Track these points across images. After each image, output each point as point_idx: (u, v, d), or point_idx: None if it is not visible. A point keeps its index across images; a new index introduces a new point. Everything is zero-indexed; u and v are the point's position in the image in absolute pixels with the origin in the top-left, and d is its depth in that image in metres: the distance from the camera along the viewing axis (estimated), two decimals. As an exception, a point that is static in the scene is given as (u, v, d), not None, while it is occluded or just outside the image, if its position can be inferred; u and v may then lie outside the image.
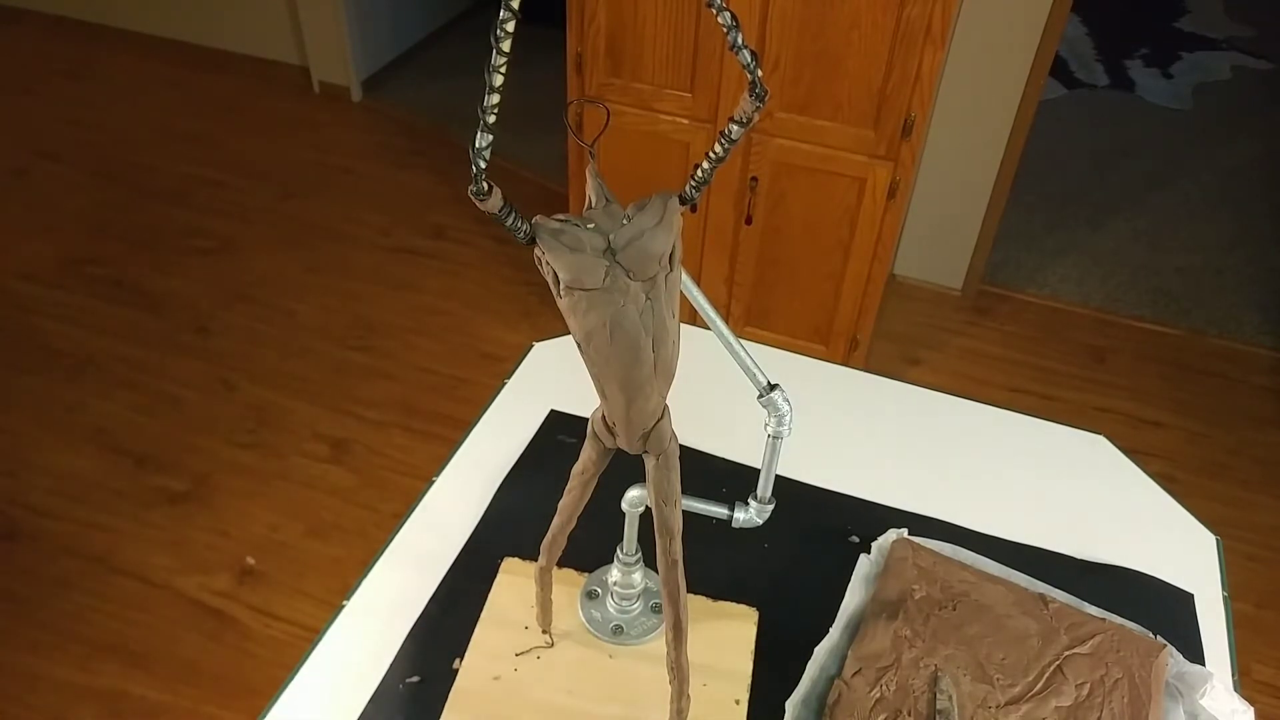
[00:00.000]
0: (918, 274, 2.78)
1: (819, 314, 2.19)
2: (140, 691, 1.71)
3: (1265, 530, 2.13)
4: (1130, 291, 2.85)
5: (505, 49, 0.37)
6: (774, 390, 0.67)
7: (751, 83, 0.42)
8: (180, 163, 3.22)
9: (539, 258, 0.45)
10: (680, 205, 0.47)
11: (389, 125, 3.51)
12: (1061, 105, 3.81)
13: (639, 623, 0.84)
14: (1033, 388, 2.49)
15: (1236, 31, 4.54)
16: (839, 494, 0.99)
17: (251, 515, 2.03)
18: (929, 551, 0.87)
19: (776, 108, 1.90)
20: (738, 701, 0.78)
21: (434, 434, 2.22)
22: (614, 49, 1.95)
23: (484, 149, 0.39)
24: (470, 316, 2.61)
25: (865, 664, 0.77)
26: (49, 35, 3.96)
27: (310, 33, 3.54)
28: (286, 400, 2.32)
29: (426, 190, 3.13)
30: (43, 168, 3.17)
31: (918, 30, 1.73)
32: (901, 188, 1.92)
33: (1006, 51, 2.28)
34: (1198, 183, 3.40)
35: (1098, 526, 0.97)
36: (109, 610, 1.83)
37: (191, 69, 3.78)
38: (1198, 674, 0.78)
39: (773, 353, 1.17)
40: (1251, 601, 1.97)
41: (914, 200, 2.58)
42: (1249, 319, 2.76)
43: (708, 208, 2.10)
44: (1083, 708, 0.74)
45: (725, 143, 0.45)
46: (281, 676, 0.80)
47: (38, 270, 2.64)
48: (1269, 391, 2.53)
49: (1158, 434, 2.37)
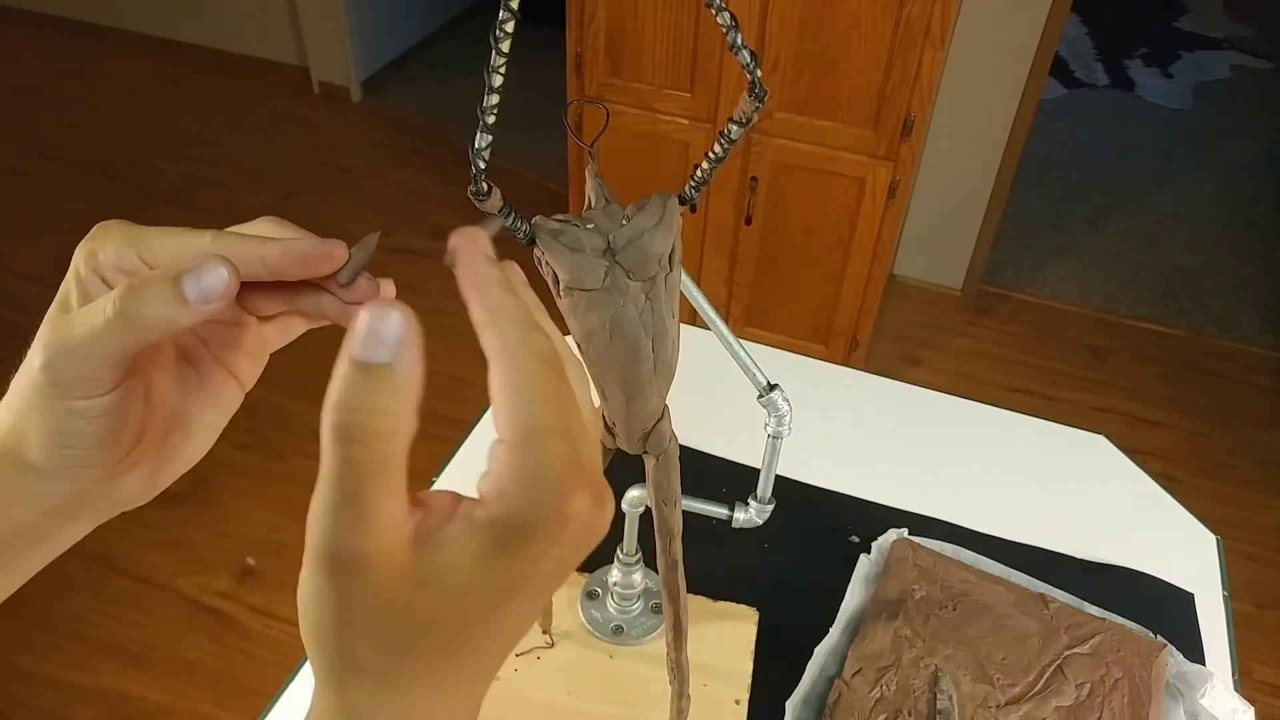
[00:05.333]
0: (917, 274, 2.78)
1: (819, 314, 2.19)
2: (140, 692, 1.71)
3: (1265, 530, 2.13)
4: (1130, 291, 2.85)
5: (505, 49, 0.37)
6: (774, 390, 0.67)
7: (751, 83, 0.42)
8: (180, 163, 3.22)
9: (538, 258, 0.45)
10: (680, 205, 0.47)
11: (389, 125, 3.51)
12: (1061, 105, 3.81)
13: (639, 623, 0.84)
14: (1032, 387, 2.49)
15: (1236, 31, 4.54)
16: (839, 494, 0.99)
17: (251, 515, 2.03)
18: (929, 551, 0.87)
19: (776, 108, 1.90)
20: (738, 701, 0.78)
21: (434, 434, 2.21)
22: (614, 49, 1.95)
23: (483, 149, 0.39)
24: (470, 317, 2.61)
25: (865, 664, 0.77)
26: (49, 35, 3.96)
27: (310, 33, 3.54)
28: (286, 400, 2.32)
29: (426, 190, 3.13)
30: (43, 168, 3.17)
31: (918, 30, 1.72)
32: (901, 188, 1.92)
33: (1006, 51, 2.28)
34: (1198, 183, 3.40)
35: (1098, 526, 0.97)
36: (109, 610, 1.83)
37: (191, 69, 3.78)
38: (1198, 674, 0.78)
39: (773, 353, 1.17)
40: (1252, 601, 1.97)
41: (914, 200, 2.58)
42: (1249, 319, 2.76)
43: (708, 208, 2.10)
44: (1083, 708, 0.74)
45: (725, 143, 0.45)
46: (281, 677, 0.80)
47: (38, 270, 2.64)
48: (1269, 391, 2.53)
49: (1158, 434, 2.37)
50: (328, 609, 0.25)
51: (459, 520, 0.26)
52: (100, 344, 0.30)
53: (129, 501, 0.36)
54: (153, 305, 0.30)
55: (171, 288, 0.30)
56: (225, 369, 0.38)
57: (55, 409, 0.31)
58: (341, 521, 0.25)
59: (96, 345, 0.30)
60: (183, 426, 0.37)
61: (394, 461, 0.26)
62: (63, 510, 0.34)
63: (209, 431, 0.38)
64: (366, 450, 0.25)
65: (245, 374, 0.38)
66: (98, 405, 0.31)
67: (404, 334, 0.26)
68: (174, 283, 0.30)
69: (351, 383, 0.25)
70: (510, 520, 0.26)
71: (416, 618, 0.26)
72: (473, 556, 0.26)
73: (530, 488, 0.26)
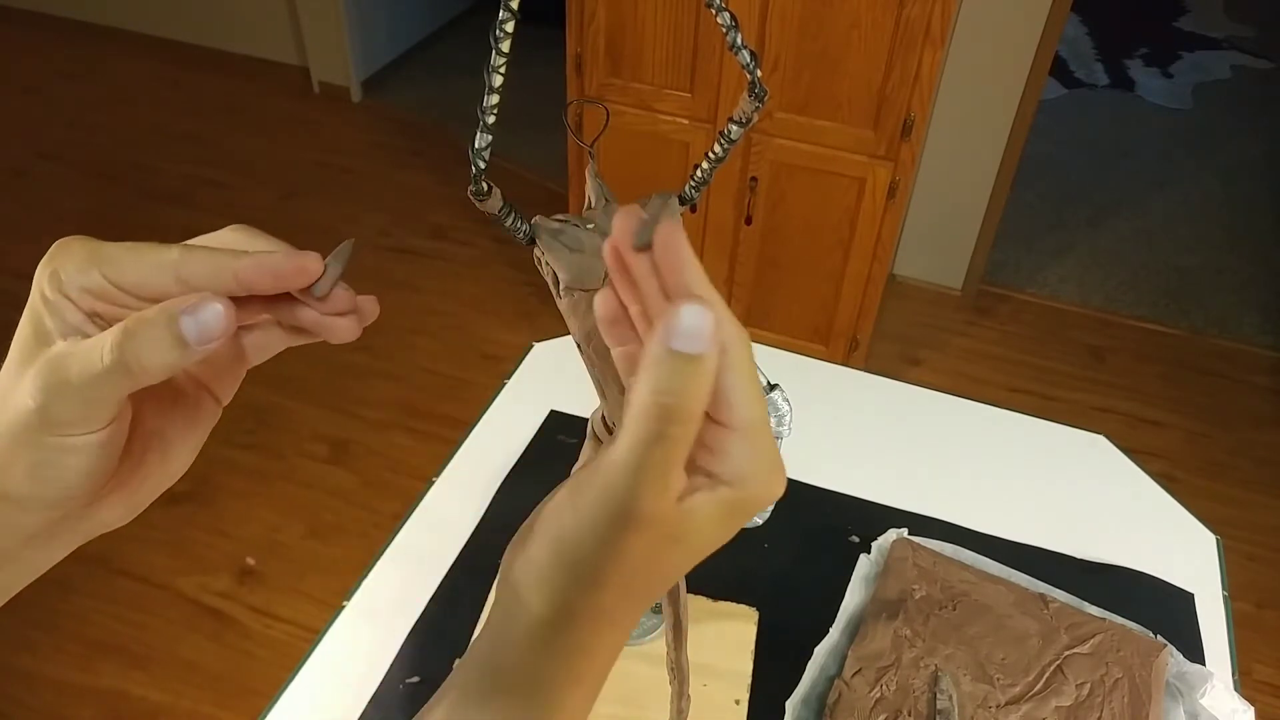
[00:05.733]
0: (918, 274, 2.78)
1: (819, 314, 2.19)
2: (140, 692, 1.71)
3: (1265, 530, 2.13)
4: (1130, 291, 2.85)
5: (504, 49, 0.37)
6: (774, 390, 0.67)
7: (751, 83, 0.42)
8: (180, 163, 3.22)
9: (538, 258, 0.45)
10: (680, 205, 0.47)
11: (389, 125, 3.51)
12: (1061, 105, 3.81)
13: (639, 623, 0.84)
14: (1032, 387, 2.49)
15: (1236, 31, 4.54)
16: (839, 494, 0.99)
17: (251, 515, 2.03)
18: (929, 551, 0.87)
19: (776, 108, 1.90)
20: (738, 701, 0.78)
21: (434, 434, 2.22)
22: (613, 49, 1.95)
23: (483, 149, 0.39)
24: (470, 317, 2.61)
25: (865, 664, 0.77)
26: (49, 35, 3.96)
27: (310, 33, 3.54)
28: (286, 400, 2.32)
29: (426, 190, 3.13)
30: (43, 168, 3.17)
31: (917, 30, 1.72)
32: (901, 188, 1.92)
33: (1006, 51, 2.28)
34: (1198, 183, 3.40)
35: (1098, 526, 0.97)
36: (109, 611, 1.83)
37: (191, 69, 3.78)
38: (1198, 674, 0.78)
39: (773, 353, 1.17)
40: (1252, 601, 1.97)
41: (914, 200, 2.58)
42: (1249, 319, 2.76)
43: (708, 208, 2.10)
44: (1083, 707, 0.74)
45: (725, 143, 0.45)
46: (281, 677, 0.80)
47: (38, 270, 2.63)
48: (1269, 391, 2.53)
49: (1158, 434, 2.37)
50: (603, 558, 0.30)
51: (704, 491, 0.31)
52: (99, 388, 0.30)
53: (109, 525, 0.35)
54: (152, 351, 0.29)
55: (170, 331, 0.29)
56: (203, 387, 0.37)
57: (46, 444, 0.30)
58: (649, 486, 0.29)
59: (95, 389, 0.30)
60: (160, 447, 0.36)
61: (693, 438, 0.30)
62: (40, 537, 0.33)
63: (187, 451, 0.37)
64: (681, 428, 0.29)
65: (222, 390, 0.38)
66: (92, 440, 0.31)
67: (711, 327, 0.29)
68: (171, 324, 0.29)
69: (673, 370, 0.29)
70: (745, 496, 0.31)
71: (660, 569, 0.32)
72: (710, 521, 0.31)
73: (760, 470, 0.31)
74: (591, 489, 0.30)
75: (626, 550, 0.30)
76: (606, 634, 0.32)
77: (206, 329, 0.30)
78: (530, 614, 0.31)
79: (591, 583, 0.31)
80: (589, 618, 0.31)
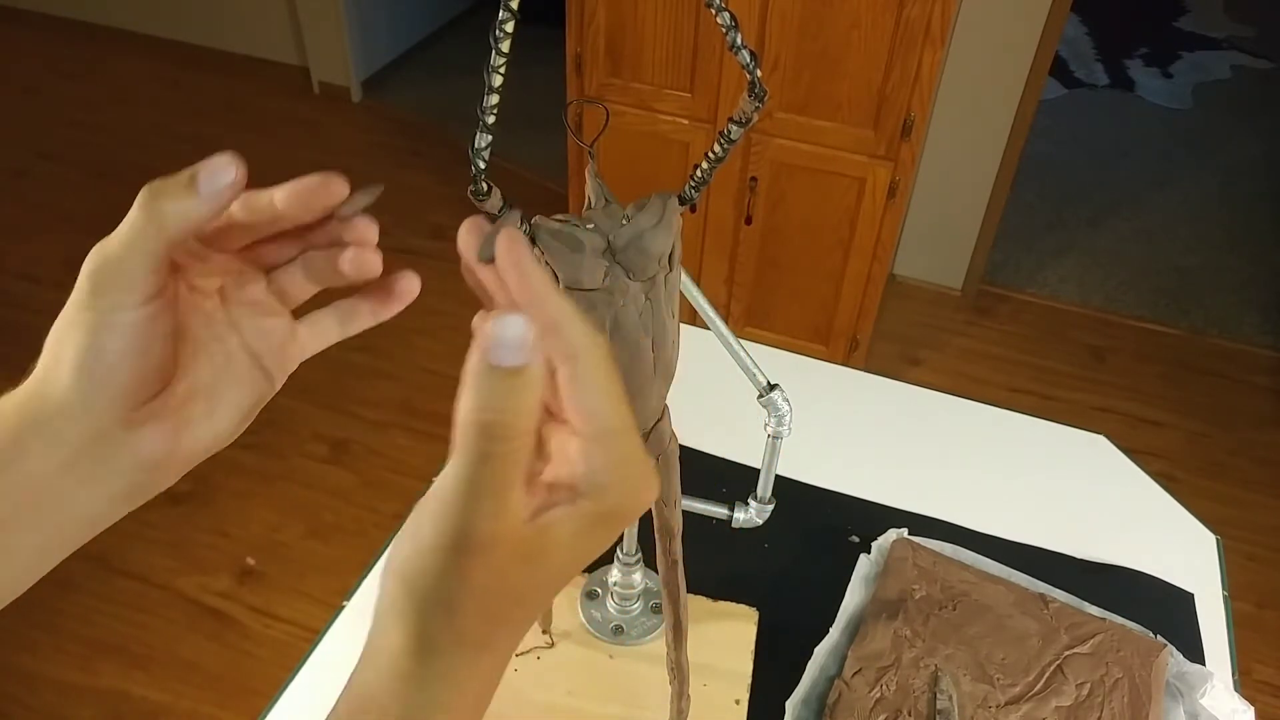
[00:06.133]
0: (918, 274, 2.78)
1: (819, 314, 2.19)
2: (140, 692, 1.71)
3: (1265, 530, 2.13)
4: (1130, 291, 2.85)
5: (504, 49, 0.37)
6: (774, 390, 0.67)
7: (751, 83, 0.42)
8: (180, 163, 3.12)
9: (538, 258, 0.45)
10: (680, 205, 0.47)
11: (389, 125, 3.51)
12: (1061, 105, 3.81)
13: (639, 623, 0.84)
14: (1032, 388, 2.49)
15: (1236, 31, 4.54)
16: (839, 494, 0.99)
17: (251, 515, 2.03)
18: (929, 551, 0.87)
19: (776, 108, 1.90)
20: (738, 701, 0.79)
21: (434, 434, 2.22)
22: (613, 49, 1.95)
23: (483, 149, 0.39)
24: (470, 317, 2.60)
25: (865, 664, 0.77)
26: (49, 35, 3.96)
27: (310, 33, 3.54)
28: (286, 400, 2.31)
29: (426, 190, 3.13)
30: (43, 168, 3.17)
31: (918, 30, 1.72)
32: (901, 188, 1.92)
33: (1006, 51, 2.28)
34: (1198, 183, 3.40)
35: (1098, 526, 0.97)
36: (109, 611, 1.83)
37: (191, 69, 3.78)
38: (1198, 674, 0.78)
39: (773, 353, 1.17)
40: (1252, 601, 1.97)
41: (914, 200, 2.58)
42: (1249, 319, 2.76)
43: (708, 208, 2.10)
44: (1083, 708, 0.74)
45: (724, 143, 0.45)
46: (281, 677, 0.80)
47: (38, 270, 2.64)
48: (1269, 391, 2.53)
49: (1158, 434, 2.37)
50: (447, 585, 0.29)
51: (561, 506, 0.30)
52: (134, 247, 0.33)
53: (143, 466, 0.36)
54: (172, 199, 0.33)
55: (185, 180, 0.33)
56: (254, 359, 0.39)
57: (91, 323, 0.33)
58: (480, 509, 0.28)
59: (131, 249, 0.33)
60: (206, 398, 0.38)
61: (526, 454, 0.29)
62: (82, 464, 0.34)
63: (233, 413, 0.39)
64: (508, 445, 0.28)
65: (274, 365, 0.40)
66: (129, 319, 0.33)
67: (531, 338, 0.28)
68: (190, 179, 0.33)
69: (491, 386, 0.28)
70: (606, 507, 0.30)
71: (520, 590, 0.30)
72: (572, 536, 0.30)
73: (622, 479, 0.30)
74: (426, 515, 0.29)
75: (472, 575, 0.28)
76: (477, 660, 0.30)
77: (215, 174, 0.34)
78: (392, 645, 0.30)
79: (443, 611, 0.29)
80: (451, 645, 0.30)
